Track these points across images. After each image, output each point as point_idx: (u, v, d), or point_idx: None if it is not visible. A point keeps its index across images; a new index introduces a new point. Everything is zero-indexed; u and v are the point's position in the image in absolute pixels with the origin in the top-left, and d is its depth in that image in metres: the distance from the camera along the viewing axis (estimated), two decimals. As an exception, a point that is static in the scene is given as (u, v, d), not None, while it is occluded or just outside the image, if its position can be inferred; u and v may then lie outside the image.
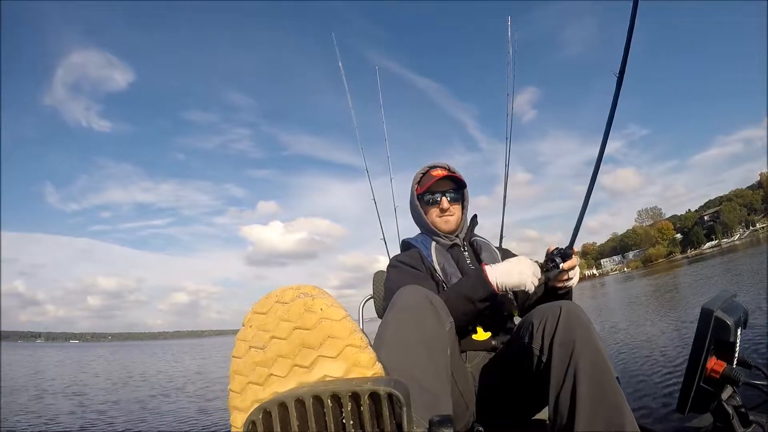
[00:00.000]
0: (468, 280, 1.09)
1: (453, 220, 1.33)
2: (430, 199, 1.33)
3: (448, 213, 1.32)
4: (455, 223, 1.34)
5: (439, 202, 1.32)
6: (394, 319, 0.84)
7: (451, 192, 1.33)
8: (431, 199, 1.33)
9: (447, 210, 1.32)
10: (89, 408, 5.32)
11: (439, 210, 1.32)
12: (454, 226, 1.34)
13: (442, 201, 1.31)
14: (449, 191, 1.33)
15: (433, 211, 1.34)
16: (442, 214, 1.32)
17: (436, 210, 1.33)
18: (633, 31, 0.95)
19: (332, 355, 0.55)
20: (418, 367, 0.78)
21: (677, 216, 77.20)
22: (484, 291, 1.04)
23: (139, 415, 4.73)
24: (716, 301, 0.99)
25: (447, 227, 1.33)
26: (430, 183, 1.32)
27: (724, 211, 64.55)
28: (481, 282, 1.04)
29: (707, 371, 0.95)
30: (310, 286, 0.60)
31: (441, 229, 1.33)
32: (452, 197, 1.33)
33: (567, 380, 0.82)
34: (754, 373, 1.00)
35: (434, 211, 1.33)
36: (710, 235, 65.09)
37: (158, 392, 6.76)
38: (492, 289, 1.03)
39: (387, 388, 0.49)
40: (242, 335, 0.60)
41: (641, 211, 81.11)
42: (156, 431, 3.93)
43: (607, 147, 1.01)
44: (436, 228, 1.33)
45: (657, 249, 68.40)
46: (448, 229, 1.33)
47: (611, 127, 0.99)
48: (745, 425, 0.97)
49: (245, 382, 0.57)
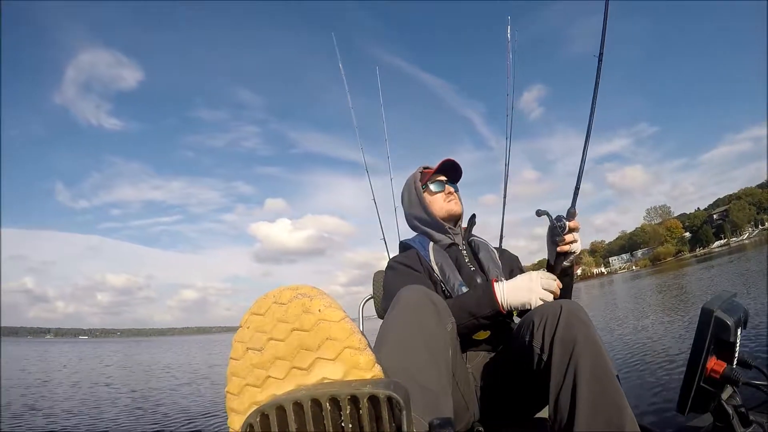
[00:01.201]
0: (475, 293, 1.08)
1: (459, 204, 1.38)
2: (435, 187, 1.36)
3: (455, 197, 1.36)
4: (461, 208, 1.38)
5: (444, 187, 1.36)
6: (396, 319, 0.84)
7: (452, 183, 1.39)
8: (435, 186, 1.36)
9: (452, 194, 1.36)
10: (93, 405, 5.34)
11: (445, 194, 1.35)
12: (461, 209, 1.38)
13: (446, 186, 1.36)
14: (450, 182, 1.38)
15: (439, 197, 1.36)
16: (450, 198, 1.35)
17: (442, 195, 1.36)
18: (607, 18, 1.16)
19: (331, 357, 0.54)
20: (419, 368, 0.78)
21: (686, 214, 76.83)
22: (489, 309, 1.03)
23: (142, 413, 4.74)
24: (716, 301, 0.98)
25: (458, 209, 1.36)
26: (429, 172, 1.37)
27: (732, 210, 64.06)
28: (488, 299, 1.04)
29: (707, 371, 0.94)
30: (308, 287, 0.59)
31: (452, 211, 1.35)
32: (454, 187, 1.39)
33: (567, 379, 0.81)
34: (754, 373, 1.00)
35: (440, 197, 1.36)
36: (719, 233, 64.82)
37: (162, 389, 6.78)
38: (498, 308, 1.02)
39: (386, 392, 0.49)
40: (239, 336, 0.59)
41: (650, 209, 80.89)
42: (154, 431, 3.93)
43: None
44: (447, 213, 1.35)
45: (666, 247, 68.19)
46: (458, 211, 1.36)
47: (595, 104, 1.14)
48: (745, 425, 0.97)
49: (242, 384, 0.57)
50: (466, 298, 1.08)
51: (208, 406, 5.01)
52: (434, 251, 1.27)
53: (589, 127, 1.14)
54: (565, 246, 1.08)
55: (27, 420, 4.48)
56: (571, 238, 1.07)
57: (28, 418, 4.60)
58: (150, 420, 4.33)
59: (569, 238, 1.07)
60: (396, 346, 0.80)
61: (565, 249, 1.08)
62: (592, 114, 1.14)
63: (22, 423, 4.33)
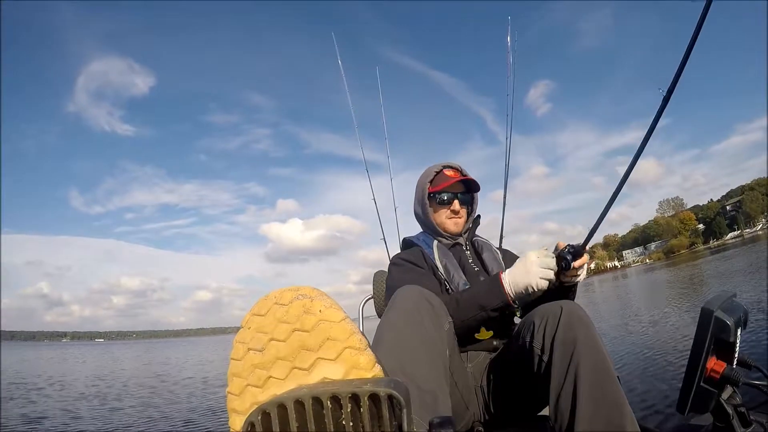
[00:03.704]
0: (483, 286, 1.08)
1: (461, 223, 1.34)
2: (442, 199, 1.32)
3: (458, 216, 1.33)
4: (463, 225, 1.35)
5: (451, 204, 1.31)
6: (392, 321, 0.84)
7: (462, 195, 1.34)
8: (443, 199, 1.32)
9: (458, 213, 1.32)
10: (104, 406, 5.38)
11: (450, 211, 1.32)
12: (461, 228, 1.35)
13: (454, 203, 1.31)
14: (461, 194, 1.33)
15: (443, 212, 1.33)
16: (453, 216, 1.32)
17: (446, 211, 1.32)
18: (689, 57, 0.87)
19: (331, 357, 0.54)
20: (417, 368, 0.78)
21: (699, 206, 75.48)
22: (498, 300, 1.03)
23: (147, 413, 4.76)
24: (716, 301, 0.98)
25: (456, 229, 1.33)
26: (444, 184, 1.31)
27: (745, 201, 62.70)
28: (497, 291, 1.03)
29: (707, 371, 0.95)
30: (308, 288, 0.60)
31: (449, 230, 1.33)
32: (463, 199, 1.33)
33: (568, 379, 0.82)
34: (754, 373, 1.00)
35: (444, 212, 1.33)
36: (732, 225, 63.95)
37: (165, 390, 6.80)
38: (506, 299, 1.02)
39: (387, 390, 0.49)
40: (240, 337, 0.59)
41: (663, 202, 79.55)
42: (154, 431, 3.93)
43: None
44: (443, 228, 1.33)
45: (679, 240, 67.16)
46: (456, 231, 1.34)
47: (646, 144, 0.97)
48: (745, 425, 0.97)
49: (244, 384, 0.57)
50: (475, 291, 1.08)
51: (209, 405, 5.02)
52: (438, 250, 1.28)
53: (627, 175, 0.99)
54: (566, 279, 1.07)
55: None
56: (574, 273, 1.06)
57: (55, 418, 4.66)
58: (149, 421, 4.34)
59: (573, 272, 1.05)
60: (393, 347, 0.80)
61: (566, 281, 1.08)
62: (637, 158, 0.98)
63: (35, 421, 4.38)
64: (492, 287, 1.05)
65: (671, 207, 77.07)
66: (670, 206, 77.37)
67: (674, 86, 0.91)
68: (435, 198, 1.33)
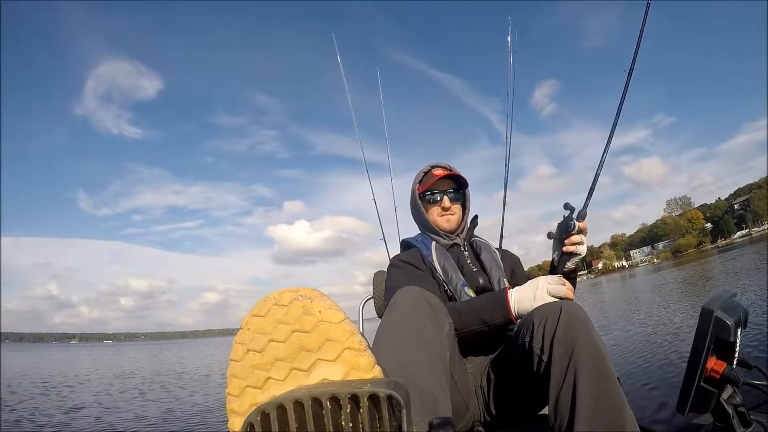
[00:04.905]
0: (488, 300, 1.08)
1: (454, 219, 1.35)
2: (432, 198, 1.35)
3: (450, 212, 1.34)
4: (456, 222, 1.36)
5: (441, 201, 1.33)
6: (392, 322, 0.84)
7: (452, 191, 1.35)
8: (432, 197, 1.34)
9: (448, 209, 1.34)
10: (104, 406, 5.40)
11: (440, 209, 1.34)
12: (455, 225, 1.36)
13: (444, 200, 1.33)
14: (450, 190, 1.35)
15: (434, 210, 1.35)
16: (444, 213, 1.34)
17: (437, 209, 1.34)
18: (643, 32, 1.10)
19: (331, 358, 0.54)
20: (417, 370, 0.78)
21: (707, 205, 75.10)
22: (502, 318, 1.03)
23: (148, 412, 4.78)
24: (716, 301, 0.98)
25: (448, 226, 1.34)
26: (431, 182, 1.33)
27: (754, 199, 62.00)
28: (502, 308, 1.04)
29: (707, 371, 0.95)
30: (308, 289, 0.60)
31: (442, 227, 1.34)
32: (453, 197, 1.35)
33: (567, 380, 0.81)
34: (754, 373, 1.00)
35: (435, 210, 1.35)
36: (741, 223, 63.38)
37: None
38: (510, 317, 1.03)
39: (387, 390, 0.49)
40: (240, 338, 0.59)
41: (670, 201, 79.27)
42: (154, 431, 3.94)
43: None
44: (437, 227, 1.34)
45: (687, 239, 66.75)
46: (449, 228, 1.35)
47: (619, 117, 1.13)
48: (745, 425, 0.97)
49: (243, 385, 0.57)
50: (479, 305, 1.08)
51: (209, 406, 5.03)
52: (437, 251, 1.28)
53: (609, 140, 1.14)
54: (571, 246, 1.08)
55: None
56: (578, 239, 1.07)
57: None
58: (151, 420, 4.35)
59: (576, 238, 1.07)
60: (393, 348, 0.80)
61: (570, 249, 1.08)
62: (614, 128, 1.13)
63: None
64: (498, 304, 1.05)
65: (679, 206, 76.65)
66: (678, 205, 76.98)
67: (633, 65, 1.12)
68: (425, 197, 1.36)
